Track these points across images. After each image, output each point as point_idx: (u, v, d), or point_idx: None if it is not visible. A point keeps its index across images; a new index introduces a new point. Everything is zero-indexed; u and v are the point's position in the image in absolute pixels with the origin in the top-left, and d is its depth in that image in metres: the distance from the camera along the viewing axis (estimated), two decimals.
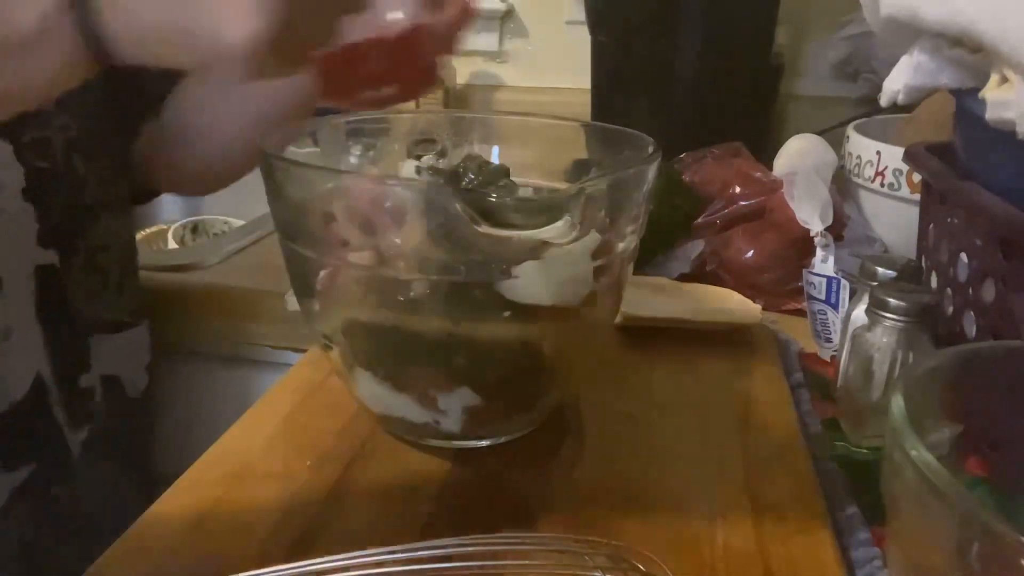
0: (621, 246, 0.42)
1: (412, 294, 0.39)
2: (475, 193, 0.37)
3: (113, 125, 0.60)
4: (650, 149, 0.44)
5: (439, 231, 0.37)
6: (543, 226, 0.38)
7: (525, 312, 0.39)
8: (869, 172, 0.72)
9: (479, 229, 0.36)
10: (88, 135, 0.56)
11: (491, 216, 0.36)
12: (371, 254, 0.39)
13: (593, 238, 0.40)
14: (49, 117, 0.53)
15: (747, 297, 0.68)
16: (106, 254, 0.59)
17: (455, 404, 0.42)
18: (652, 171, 0.42)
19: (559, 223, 0.38)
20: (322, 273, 0.42)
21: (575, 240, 0.39)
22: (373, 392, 0.44)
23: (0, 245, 0.49)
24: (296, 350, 0.67)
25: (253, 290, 0.69)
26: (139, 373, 0.62)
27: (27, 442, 0.52)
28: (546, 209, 0.37)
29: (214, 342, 0.71)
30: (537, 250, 0.38)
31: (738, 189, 0.72)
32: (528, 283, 0.38)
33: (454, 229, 0.37)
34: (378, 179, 0.39)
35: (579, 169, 0.92)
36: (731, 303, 0.62)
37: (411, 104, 1.10)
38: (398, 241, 0.38)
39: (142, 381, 0.63)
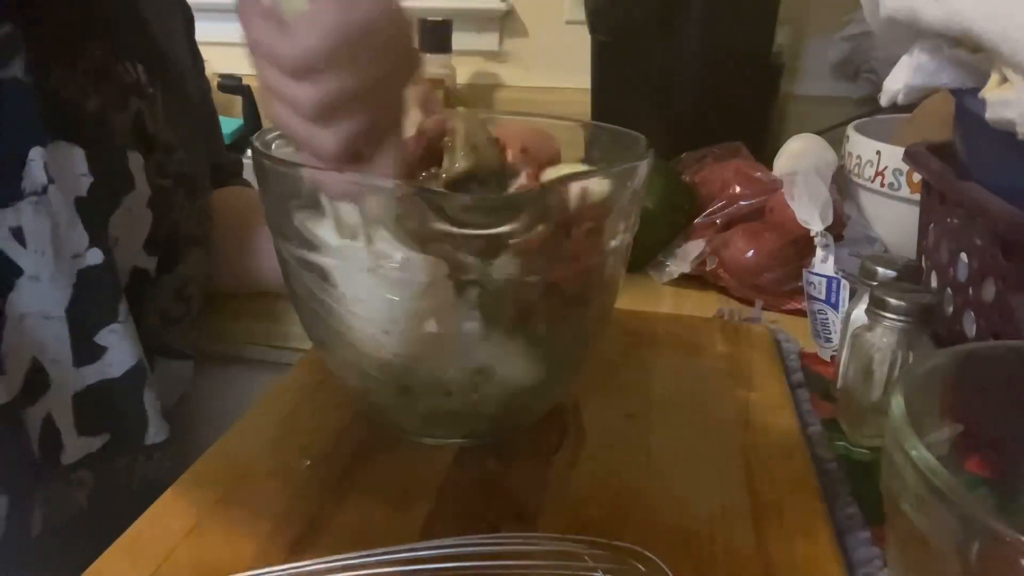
0: (613, 243, 0.42)
1: None
2: (431, 192, 0.37)
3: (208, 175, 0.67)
4: (640, 148, 0.44)
5: (403, 229, 0.38)
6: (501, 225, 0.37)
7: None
8: (869, 172, 0.72)
9: (436, 227, 0.36)
10: (192, 174, 0.61)
11: (449, 214, 0.36)
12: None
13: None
14: (173, 149, 0.59)
15: (747, 297, 0.68)
16: (193, 286, 0.63)
17: None
18: (642, 170, 0.42)
19: (517, 223, 0.37)
20: None
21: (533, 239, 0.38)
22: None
23: (123, 237, 0.54)
24: (296, 350, 0.67)
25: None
26: (174, 399, 0.63)
27: (110, 416, 0.54)
28: (503, 208, 0.37)
29: (214, 342, 0.71)
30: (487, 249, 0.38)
31: (738, 189, 0.72)
32: None
33: (417, 227, 0.37)
34: (347, 177, 0.39)
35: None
36: None
37: None
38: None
39: (172, 403, 0.64)
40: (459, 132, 0.45)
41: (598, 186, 0.39)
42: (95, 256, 0.51)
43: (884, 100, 0.48)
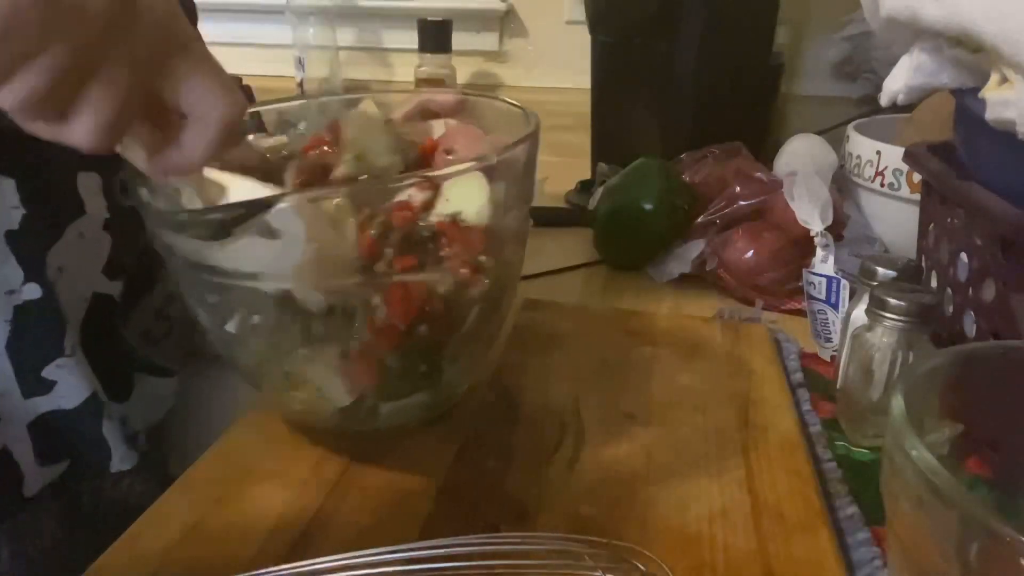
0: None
1: None
2: (155, 211, 0.38)
3: None
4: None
5: None
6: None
7: None
8: (869, 172, 0.72)
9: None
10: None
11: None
12: None
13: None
14: None
15: (747, 297, 0.68)
16: (176, 304, 0.61)
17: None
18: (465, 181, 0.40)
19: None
20: None
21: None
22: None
23: (72, 266, 0.52)
24: None
25: None
26: (160, 415, 0.62)
27: (68, 443, 0.52)
28: (212, 226, 0.36)
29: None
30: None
31: (738, 189, 0.72)
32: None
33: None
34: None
35: (584, 188, 0.91)
36: None
37: None
38: None
39: (159, 419, 0.63)
40: (344, 139, 0.45)
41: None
42: (32, 291, 0.49)
43: (884, 100, 0.48)
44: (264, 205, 0.35)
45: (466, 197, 0.40)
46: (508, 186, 0.42)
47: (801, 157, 0.77)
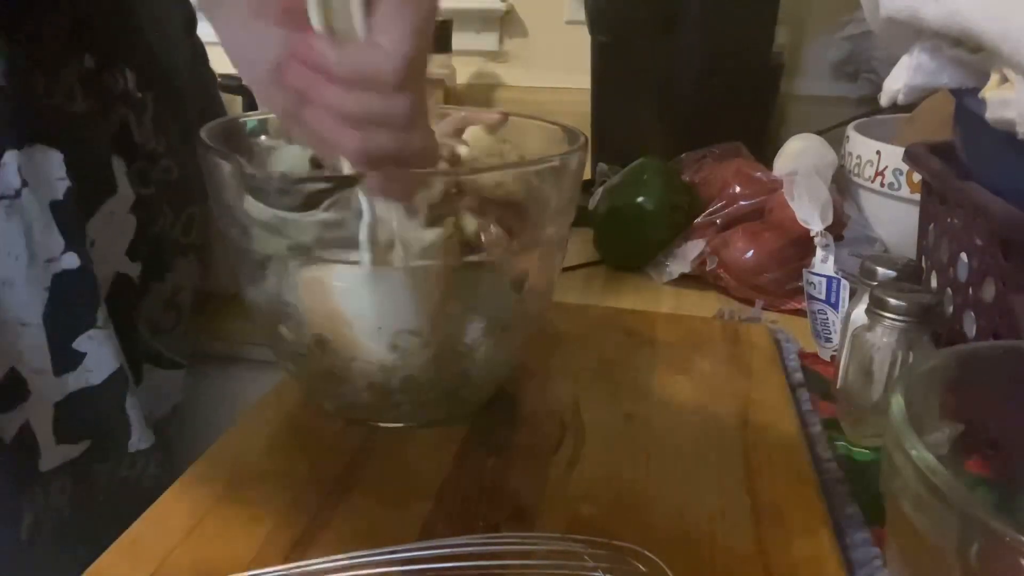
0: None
1: None
2: (248, 174, 0.38)
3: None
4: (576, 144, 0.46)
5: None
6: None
7: None
8: (869, 172, 0.72)
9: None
10: (179, 185, 0.61)
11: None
12: None
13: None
14: (158, 156, 0.59)
15: (747, 297, 0.68)
16: (184, 294, 0.62)
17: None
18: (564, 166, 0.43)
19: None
20: None
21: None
22: None
23: (102, 242, 0.54)
24: None
25: None
26: (167, 408, 0.63)
27: (91, 423, 0.53)
28: (308, 194, 0.38)
29: (214, 342, 0.71)
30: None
31: (738, 189, 0.72)
32: None
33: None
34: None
35: (584, 188, 0.91)
36: None
37: None
38: None
39: (166, 412, 0.64)
40: None
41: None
42: (71, 260, 0.50)
43: (884, 100, 0.48)
44: (352, 181, 0.37)
45: None
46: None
47: (801, 157, 0.77)
